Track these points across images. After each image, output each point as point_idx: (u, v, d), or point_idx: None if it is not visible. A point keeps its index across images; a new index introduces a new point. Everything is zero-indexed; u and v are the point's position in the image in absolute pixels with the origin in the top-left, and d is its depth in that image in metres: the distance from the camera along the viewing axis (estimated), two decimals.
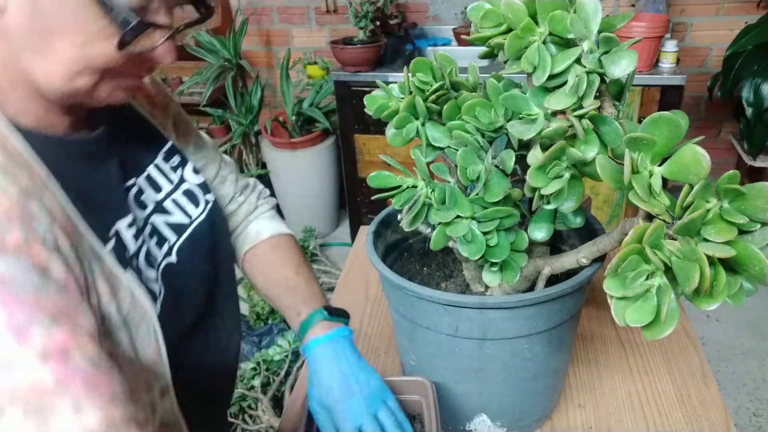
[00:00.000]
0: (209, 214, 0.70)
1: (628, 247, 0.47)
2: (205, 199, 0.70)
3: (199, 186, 0.70)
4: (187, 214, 0.68)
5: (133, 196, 0.63)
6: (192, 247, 0.66)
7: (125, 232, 0.58)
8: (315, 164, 2.82)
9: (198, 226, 0.68)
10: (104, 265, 0.53)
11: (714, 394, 0.88)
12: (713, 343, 2.17)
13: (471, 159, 0.61)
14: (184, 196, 0.68)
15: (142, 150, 0.66)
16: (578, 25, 0.50)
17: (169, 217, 0.66)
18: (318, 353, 0.72)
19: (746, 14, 2.41)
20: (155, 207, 0.65)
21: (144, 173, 0.65)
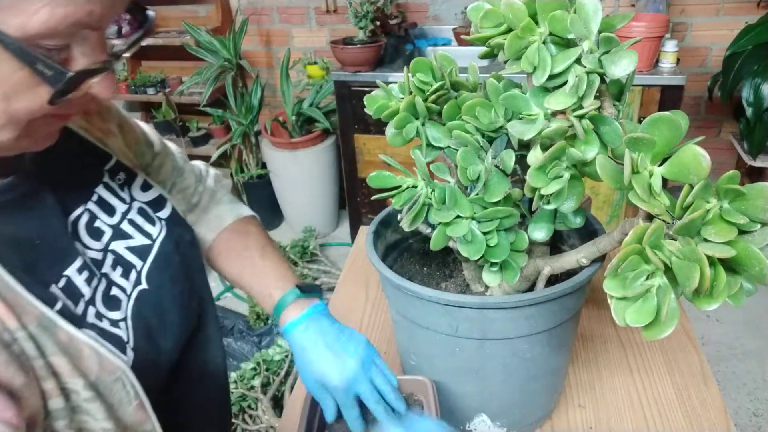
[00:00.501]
0: (168, 230, 0.65)
1: (628, 248, 0.47)
2: (158, 216, 0.65)
3: (149, 203, 0.65)
4: (147, 234, 0.62)
5: (85, 226, 0.57)
6: (161, 269, 0.62)
7: (76, 279, 0.52)
8: (315, 164, 2.82)
9: (162, 246, 0.63)
10: (58, 335, 0.47)
11: (714, 394, 0.88)
12: (713, 343, 2.17)
13: (471, 159, 0.61)
14: (139, 215, 0.63)
15: (85, 172, 0.59)
16: (578, 25, 0.50)
17: (129, 241, 0.60)
18: (300, 335, 0.70)
19: (746, 14, 2.41)
20: (113, 233, 0.59)
21: (93, 197, 0.59)
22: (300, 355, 0.71)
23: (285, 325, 0.72)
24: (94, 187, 0.60)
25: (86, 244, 0.56)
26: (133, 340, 0.55)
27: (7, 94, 0.42)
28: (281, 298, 0.72)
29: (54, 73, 0.41)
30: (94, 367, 0.49)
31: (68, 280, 0.51)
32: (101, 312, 0.54)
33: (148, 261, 0.61)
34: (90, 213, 0.58)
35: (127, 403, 0.52)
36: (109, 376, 0.51)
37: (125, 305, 0.57)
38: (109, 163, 0.62)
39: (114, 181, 0.62)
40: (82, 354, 0.49)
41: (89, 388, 0.49)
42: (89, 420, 0.49)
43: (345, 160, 2.56)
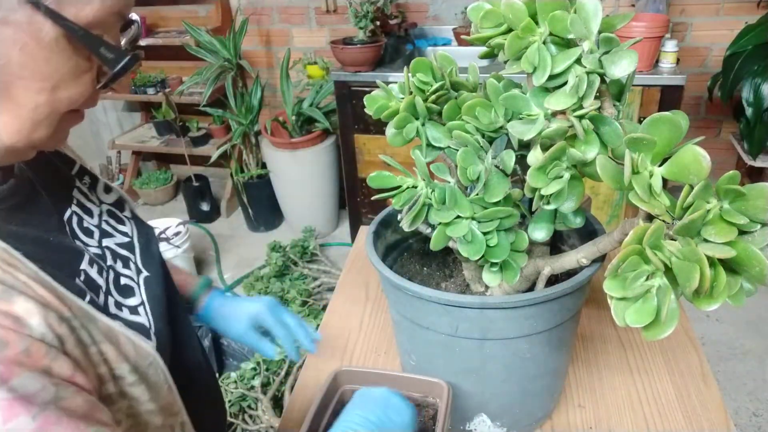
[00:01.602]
0: (137, 227, 0.67)
1: (628, 248, 0.47)
2: (126, 216, 0.67)
3: (113, 205, 0.67)
4: (123, 233, 0.65)
5: (77, 224, 0.58)
6: (148, 259, 0.64)
7: (91, 272, 0.54)
8: (315, 164, 2.82)
9: (138, 240, 0.66)
10: (98, 324, 0.50)
11: (714, 394, 0.88)
12: (713, 343, 2.17)
13: (471, 159, 0.61)
14: (109, 217, 0.65)
15: (61, 176, 0.61)
16: (578, 25, 0.50)
17: (114, 238, 0.62)
18: (219, 301, 0.85)
19: (746, 14, 2.41)
20: (100, 232, 0.61)
21: (73, 200, 0.60)
22: (222, 314, 0.84)
23: (206, 299, 0.86)
24: (71, 191, 0.61)
25: (84, 241, 0.58)
26: (153, 325, 0.57)
27: (56, 84, 0.44)
28: (197, 285, 0.87)
29: (115, 55, 0.44)
30: (131, 353, 0.52)
31: (86, 274, 0.53)
32: (119, 301, 0.56)
33: (136, 253, 0.64)
34: (77, 215, 0.59)
35: (161, 386, 0.55)
36: (144, 360, 0.53)
37: (138, 291, 0.59)
38: (75, 168, 0.64)
39: (82, 184, 0.64)
40: (120, 341, 0.51)
41: (133, 372, 0.51)
42: (135, 404, 0.52)
43: (345, 160, 2.56)
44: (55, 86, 0.44)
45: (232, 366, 2.01)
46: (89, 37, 0.43)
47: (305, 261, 2.62)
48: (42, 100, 0.44)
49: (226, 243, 3.04)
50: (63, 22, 0.41)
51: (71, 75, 0.44)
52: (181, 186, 3.31)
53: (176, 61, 3.27)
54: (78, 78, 0.45)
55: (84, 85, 0.45)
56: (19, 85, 0.42)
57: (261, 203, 3.04)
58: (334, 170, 2.92)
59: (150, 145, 3.30)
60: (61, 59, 0.43)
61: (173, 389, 0.58)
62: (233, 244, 3.03)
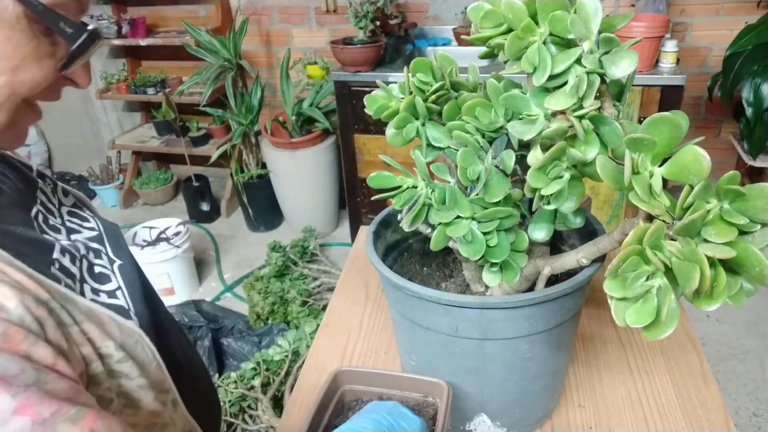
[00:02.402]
0: (102, 223, 0.68)
1: (628, 248, 0.47)
2: (89, 214, 0.68)
3: (73, 206, 0.68)
4: (89, 228, 0.65)
5: (43, 222, 0.59)
6: (118, 250, 0.65)
7: (64, 261, 0.54)
8: (315, 164, 2.82)
9: (106, 233, 0.66)
10: (78, 305, 0.50)
11: (714, 394, 0.88)
12: (713, 343, 2.17)
13: (471, 159, 0.61)
14: (71, 216, 0.65)
15: (24, 179, 0.62)
16: (579, 25, 0.50)
17: (82, 234, 0.63)
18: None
19: (746, 14, 2.41)
20: (66, 229, 0.62)
21: (37, 201, 0.61)
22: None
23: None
24: (35, 191, 0.62)
25: (53, 236, 0.59)
26: (132, 306, 0.58)
27: (16, 66, 0.44)
28: None
29: (74, 30, 0.44)
30: (116, 331, 0.52)
31: (60, 263, 0.53)
32: (95, 287, 0.56)
33: (106, 245, 0.64)
34: (42, 213, 0.60)
35: (149, 362, 0.55)
36: (130, 338, 0.53)
37: (114, 277, 0.60)
38: (34, 172, 0.65)
39: (46, 185, 0.65)
40: (103, 320, 0.52)
41: (120, 349, 0.51)
42: (125, 381, 0.52)
43: (345, 160, 2.56)
44: (16, 67, 0.44)
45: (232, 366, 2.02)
46: (49, 12, 0.43)
47: (305, 261, 2.62)
48: (2, 81, 0.44)
49: (226, 243, 3.04)
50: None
51: (33, 57, 0.44)
52: (181, 186, 3.31)
53: (176, 61, 3.27)
54: (40, 60, 0.45)
55: (46, 68, 0.46)
56: None
57: (261, 203, 3.04)
58: (334, 170, 2.92)
59: (150, 145, 3.30)
60: (23, 39, 0.43)
61: (162, 367, 0.58)
62: (233, 244, 3.03)
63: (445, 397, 0.73)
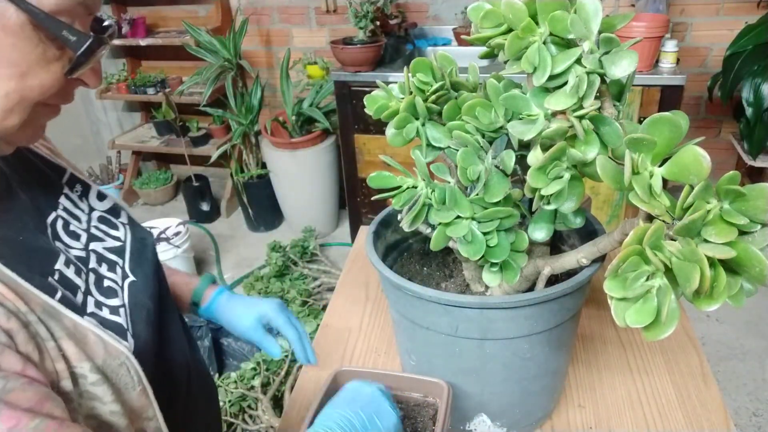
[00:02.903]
0: (132, 232, 0.68)
1: (628, 248, 0.47)
2: (121, 222, 0.68)
3: (107, 212, 0.68)
4: (116, 237, 0.65)
5: (62, 228, 0.59)
6: (138, 264, 0.65)
7: (67, 272, 0.54)
8: (315, 164, 2.82)
9: (132, 245, 0.66)
10: (63, 321, 0.49)
11: (714, 394, 0.88)
12: (713, 343, 2.17)
13: (471, 159, 0.61)
14: (100, 223, 0.65)
15: (48, 183, 0.62)
16: (579, 25, 0.50)
17: (104, 243, 0.63)
18: (228, 297, 0.86)
19: (746, 14, 2.41)
20: (88, 236, 0.62)
21: (59, 206, 0.61)
22: (228, 309, 0.84)
23: (210, 296, 0.85)
24: (58, 197, 0.62)
25: (68, 244, 0.58)
26: (132, 327, 0.57)
27: (24, 72, 0.44)
28: (201, 281, 0.87)
29: (78, 38, 0.44)
30: (100, 351, 0.51)
31: (61, 273, 0.53)
32: (100, 300, 0.56)
33: (126, 258, 0.64)
34: (62, 219, 0.60)
35: (132, 388, 0.54)
36: (114, 360, 0.52)
37: (121, 294, 0.59)
38: (65, 176, 0.65)
39: (73, 192, 0.65)
40: (88, 339, 0.51)
41: (96, 372, 0.51)
42: (97, 405, 0.51)
43: (345, 160, 2.56)
44: (24, 73, 0.44)
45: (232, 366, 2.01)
46: (51, 20, 0.43)
47: (305, 261, 2.62)
48: (11, 87, 0.44)
49: (226, 243, 3.04)
50: (26, 6, 0.42)
51: (40, 62, 0.45)
52: (181, 186, 3.31)
53: (176, 61, 3.27)
54: (47, 65, 0.45)
55: (54, 73, 0.46)
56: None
57: (261, 203, 3.04)
58: (334, 170, 2.92)
59: (150, 145, 3.30)
60: (29, 45, 0.43)
61: (148, 393, 0.56)
62: (233, 244, 3.03)
63: (446, 397, 0.73)
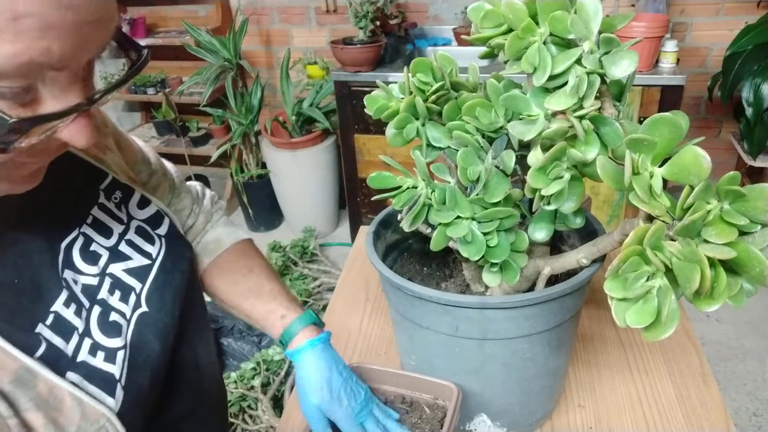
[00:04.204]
0: (168, 247, 0.63)
1: (628, 249, 0.47)
2: (157, 234, 0.63)
3: (147, 221, 0.63)
4: (147, 254, 0.61)
5: (79, 250, 0.54)
6: (161, 289, 0.60)
7: (65, 313, 0.50)
8: (315, 164, 2.82)
9: (161, 265, 0.61)
10: (37, 387, 0.45)
11: (714, 394, 0.88)
12: (713, 343, 2.17)
13: (471, 159, 0.61)
14: (137, 235, 0.61)
15: (80, 193, 0.57)
16: (579, 25, 0.50)
17: (128, 263, 0.58)
18: (316, 357, 0.70)
19: (746, 14, 2.41)
20: (110, 255, 0.57)
21: (88, 219, 0.56)
22: (309, 377, 0.69)
23: (301, 344, 0.71)
24: (90, 209, 0.57)
25: (80, 269, 0.54)
26: (126, 376, 0.53)
27: None
28: (296, 319, 0.72)
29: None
30: (75, 417, 0.47)
31: (56, 316, 0.50)
32: (98, 342, 0.52)
33: (147, 282, 0.59)
34: (85, 236, 0.56)
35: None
36: (92, 426, 0.48)
37: (125, 330, 0.55)
38: (105, 182, 0.60)
39: (110, 200, 0.60)
40: (63, 405, 0.47)
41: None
42: None
43: (345, 160, 2.56)
44: None
45: (232, 366, 2.01)
46: None
47: (305, 261, 2.62)
48: None
49: None
50: None
51: None
52: None
53: (176, 61, 3.27)
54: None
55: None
56: None
57: (261, 203, 3.03)
58: (334, 170, 2.92)
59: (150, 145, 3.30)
60: None
61: None
62: None
63: (454, 400, 0.73)
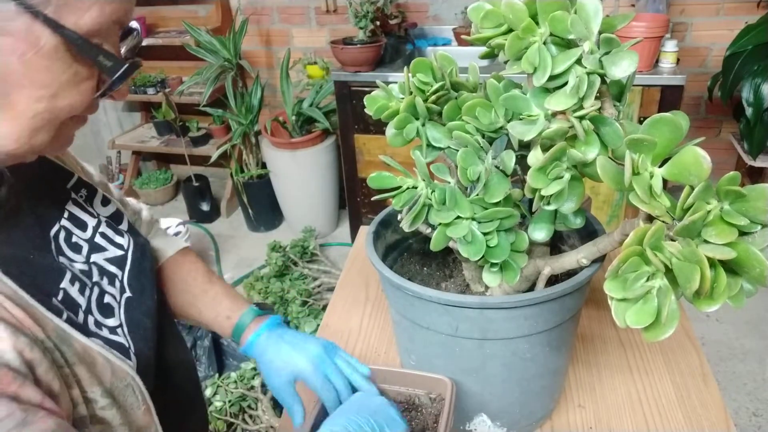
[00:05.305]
0: (135, 240, 0.66)
1: (628, 249, 0.47)
2: (120, 229, 0.66)
3: (110, 217, 0.66)
4: (119, 245, 0.64)
5: (64, 240, 0.57)
6: (137, 276, 0.63)
7: (71, 290, 0.53)
8: (315, 164, 2.82)
9: (133, 254, 0.64)
10: (74, 345, 0.49)
11: (714, 394, 0.88)
12: (713, 343, 2.17)
13: (471, 159, 0.61)
14: (108, 228, 0.64)
15: (51, 190, 0.60)
16: (579, 25, 0.50)
17: (105, 253, 0.61)
18: (263, 342, 0.73)
19: (746, 14, 2.41)
20: (89, 246, 0.60)
21: (65, 213, 0.59)
22: (264, 360, 0.73)
23: (248, 338, 0.74)
24: (65, 204, 0.60)
25: (70, 257, 0.57)
26: (133, 346, 0.56)
27: (54, 93, 0.43)
28: (240, 318, 0.76)
29: (113, 63, 0.45)
30: (107, 374, 0.51)
31: (65, 293, 0.52)
32: (99, 320, 0.55)
33: (126, 269, 0.62)
34: (66, 230, 0.58)
35: (137, 407, 0.54)
36: (121, 382, 0.52)
37: (117, 312, 0.58)
38: (72, 181, 0.63)
39: (78, 197, 0.63)
40: (96, 362, 0.50)
41: (106, 395, 0.50)
42: (107, 429, 0.51)
43: (345, 160, 2.56)
44: (55, 94, 0.43)
45: (232, 366, 2.01)
46: (88, 45, 0.43)
47: (305, 261, 2.62)
48: (41, 108, 0.43)
49: (226, 243, 3.04)
50: (62, 30, 0.41)
51: (71, 83, 0.44)
52: (181, 186, 3.31)
53: (176, 61, 3.27)
54: (78, 86, 0.45)
55: (84, 93, 0.46)
56: (19, 93, 0.42)
57: (261, 203, 3.03)
58: (334, 170, 2.92)
59: (150, 145, 3.30)
60: (61, 67, 0.43)
61: (152, 411, 0.56)
62: (233, 244, 3.03)
63: (449, 394, 0.73)
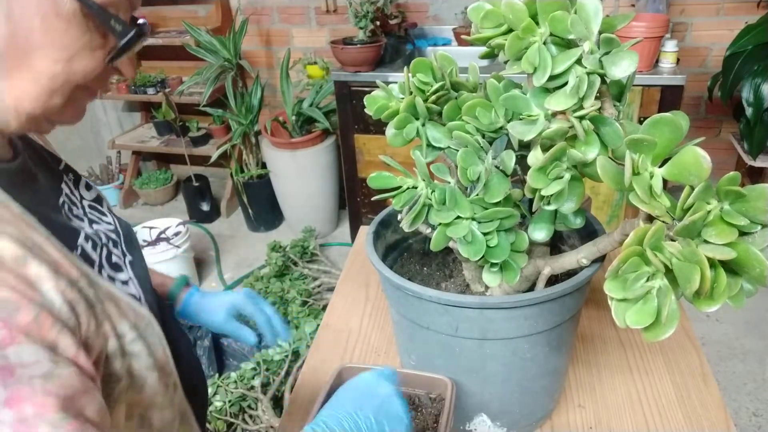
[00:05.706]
0: (118, 219, 0.72)
1: (628, 249, 0.47)
2: (106, 211, 0.71)
3: (94, 201, 0.70)
4: (108, 222, 0.68)
5: (68, 210, 0.62)
6: (129, 245, 0.68)
7: (86, 247, 0.57)
8: (315, 164, 2.82)
9: (121, 229, 0.69)
10: (101, 288, 0.53)
11: (714, 394, 0.88)
12: (713, 343, 2.17)
13: (471, 159, 0.61)
14: (91, 209, 0.68)
15: (48, 169, 0.65)
16: (579, 25, 0.50)
17: (101, 225, 0.66)
18: (201, 296, 0.88)
19: (746, 14, 2.41)
20: (88, 219, 0.65)
21: (62, 191, 0.64)
22: (203, 309, 0.87)
23: (185, 295, 0.88)
24: (60, 183, 0.65)
25: (78, 224, 0.61)
26: (143, 296, 0.61)
27: (71, 56, 0.47)
28: (175, 283, 0.89)
29: (123, 28, 0.49)
30: (131, 313, 0.55)
31: (83, 249, 0.56)
32: (111, 275, 0.59)
33: (121, 240, 0.67)
34: (67, 203, 0.63)
35: (157, 345, 0.58)
36: (142, 321, 0.57)
37: (126, 269, 0.63)
38: (62, 164, 0.69)
39: (68, 179, 0.68)
40: (121, 303, 0.55)
41: (133, 329, 0.55)
42: (135, 361, 0.55)
43: (345, 160, 2.56)
44: (71, 57, 0.47)
45: (232, 366, 2.01)
46: (102, 11, 0.47)
47: (305, 261, 2.62)
48: (59, 69, 0.47)
49: (226, 243, 3.04)
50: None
51: (86, 48, 0.48)
52: (181, 186, 3.31)
53: (176, 61, 3.27)
54: (92, 52, 0.49)
55: (97, 59, 0.50)
56: (39, 54, 0.46)
57: (261, 203, 3.03)
58: (334, 170, 2.92)
59: (150, 145, 3.30)
60: (78, 32, 0.47)
61: (167, 350, 0.61)
62: (233, 244, 3.03)
63: (449, 394, 0.73)
